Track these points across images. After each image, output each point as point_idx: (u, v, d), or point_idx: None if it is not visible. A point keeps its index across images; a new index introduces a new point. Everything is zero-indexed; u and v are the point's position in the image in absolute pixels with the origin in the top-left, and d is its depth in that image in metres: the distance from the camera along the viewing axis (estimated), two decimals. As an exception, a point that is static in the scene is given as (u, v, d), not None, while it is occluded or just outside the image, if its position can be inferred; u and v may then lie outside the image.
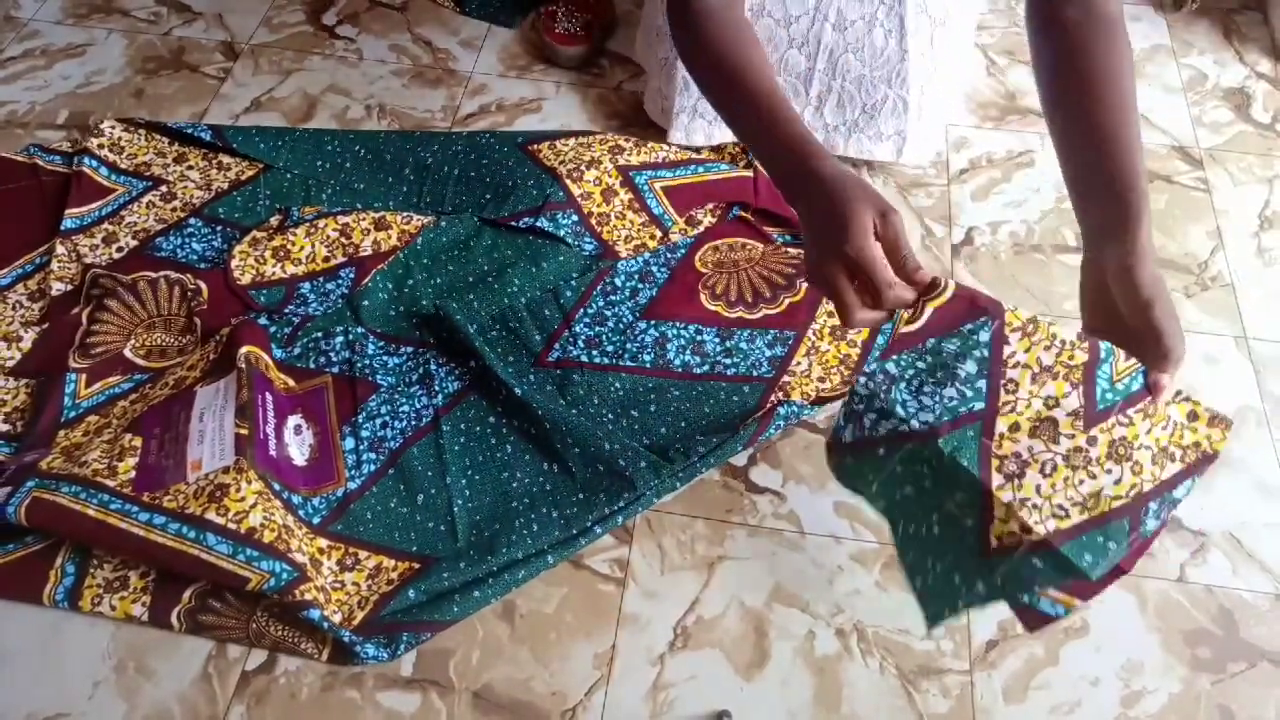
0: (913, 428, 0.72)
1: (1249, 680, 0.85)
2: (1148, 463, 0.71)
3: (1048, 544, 0.69)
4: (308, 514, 0.91)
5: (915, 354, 0.72)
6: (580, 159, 1.20)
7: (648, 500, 0.93)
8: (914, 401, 0.72)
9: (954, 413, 0.71)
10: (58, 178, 1.19)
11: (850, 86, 1.18)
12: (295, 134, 1.26)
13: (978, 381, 0.71)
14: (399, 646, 0.84)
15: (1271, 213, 1.22)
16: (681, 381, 1.02)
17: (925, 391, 0.72)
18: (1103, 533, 0.69)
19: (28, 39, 1.39)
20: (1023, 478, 0.70)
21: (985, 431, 0.71)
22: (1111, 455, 0.71)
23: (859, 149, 1.22)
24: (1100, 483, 0.70)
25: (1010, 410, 0.71)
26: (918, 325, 0.72)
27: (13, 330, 1.04)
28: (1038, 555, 0.69)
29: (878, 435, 0.74)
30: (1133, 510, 0.70)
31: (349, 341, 1.03)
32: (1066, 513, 0.70)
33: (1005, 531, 0.70)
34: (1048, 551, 0.69)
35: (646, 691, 0.84)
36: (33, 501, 0.85)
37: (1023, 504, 0.70)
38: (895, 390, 0.72)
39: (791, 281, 1.10)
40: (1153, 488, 0.71)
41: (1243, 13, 1.50)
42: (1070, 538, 0.69)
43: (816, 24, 1.14)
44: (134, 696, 0.83)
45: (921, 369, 0.72)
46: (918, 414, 0.72)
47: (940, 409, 0.71)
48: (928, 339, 0.72)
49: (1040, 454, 0.71)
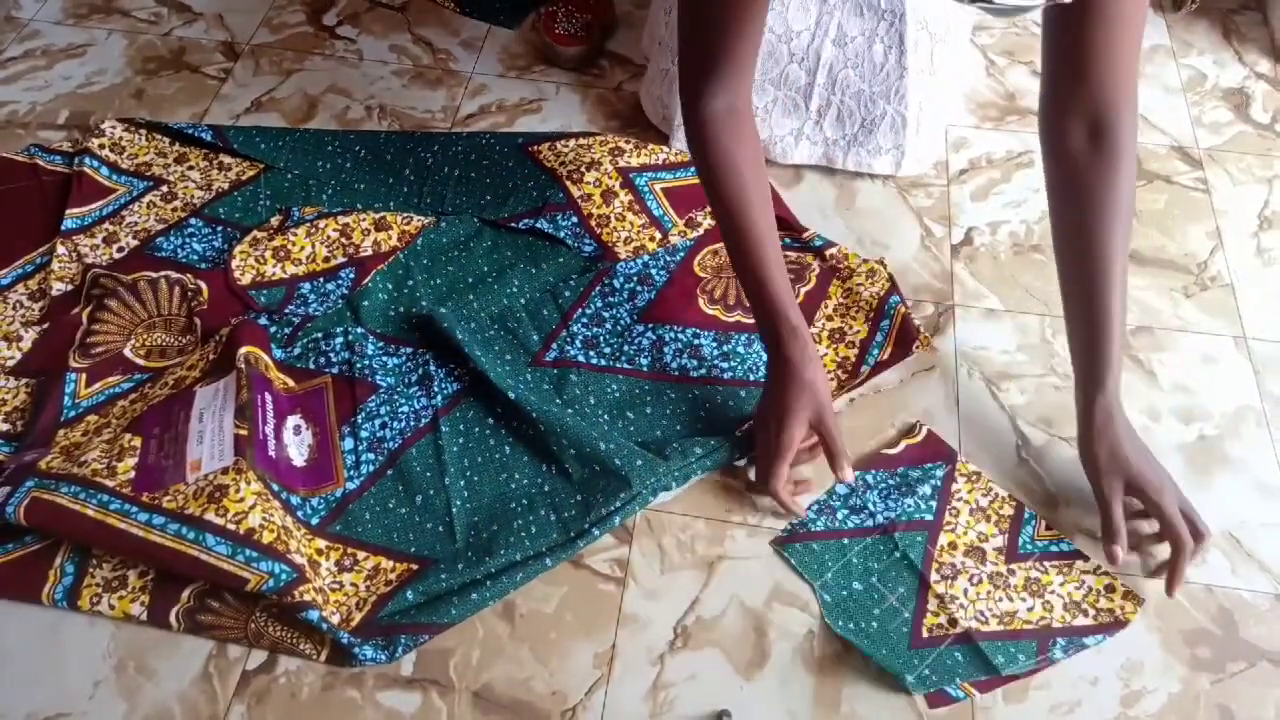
0: (876, 521, 0.93)
1: (1248, 680, 0.85)
2: (1059, 607, 0.88)
3: (969, 638, 0.86)
4: (306, 514, 0.91)
5: (888, 473, 0.96)
6: (580, 160, 1.20)
7: (644, 499, 0.93)
8: (881, 503, 0.94)
9: (909, 517, 0.93)
10: (58, 178, 1.19)
11: (850, 101, 1.18)
12: (296, 134, 1.26)
13: (931, 501, 0.94)
14: (397, 648, 0.84)
15: (1271, 213, 1.22)
16: (678, 385, 1.02)
17: (891, 498, 0.94)
18: (1014, 645, 0.86)
19: (28, 39, 1.39)
20: (955, 580, 0.89)
21: (930, 539, 0.92)
22: (1027, 588, 0.89)
23: (857, 162, 1.22)
24: (1015, 606, 0.88)
25: (951, 530, 0.93)
26: (895, 452, 0.98)
27: (13, 330, 1.04)
28: (959, 649, 0.85)
29: (845, 528, 0.92)
30: (1040, 637, 0.86)
31: (349, 342, 1.03)
32: (986, 619, 0.87)
33: (935, 624, 0.87)
34: (968, 646, 0.85)
35: (646, 691, 0.84)
36: (32, 501, 0.85)
37: (952, 600, 0.88)
38: (869, 494, 0.95)
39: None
40: (1061, 628, 0.87)
41: (1242, 13, 1.50)
42: (986, 639, 0.86)
43: (817, 39, 1.14)
44: (134, 696, 0.83)
45: (891, 484, 0.95)
46: (882, 511, 0.93)
47: (899, 511, 0.93)
48: (899, 466, 0.97)
49: (970, 568, 0.90)
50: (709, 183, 0.93)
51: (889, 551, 0.91)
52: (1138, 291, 1.13)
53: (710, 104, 0.90)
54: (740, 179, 0.92)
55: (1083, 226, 0.89)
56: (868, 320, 1.07)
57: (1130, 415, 1.01)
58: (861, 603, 0.88)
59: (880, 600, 0.88)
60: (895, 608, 0.88)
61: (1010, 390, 1.04)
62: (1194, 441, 1.00)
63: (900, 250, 1.17)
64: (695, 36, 0.89)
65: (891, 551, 0.91)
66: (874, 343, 1.05)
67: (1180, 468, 0.98)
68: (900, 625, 0.87)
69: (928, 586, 0.89)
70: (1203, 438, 1.01)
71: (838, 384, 1.03)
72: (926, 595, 0.88)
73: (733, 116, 0.91)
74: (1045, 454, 0.99)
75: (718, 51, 0.88)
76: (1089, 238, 0.88)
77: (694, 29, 0.89)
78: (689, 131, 0.93)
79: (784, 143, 1.22)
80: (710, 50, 0.88)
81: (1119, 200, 0.87)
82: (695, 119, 0.91)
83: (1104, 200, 0.87)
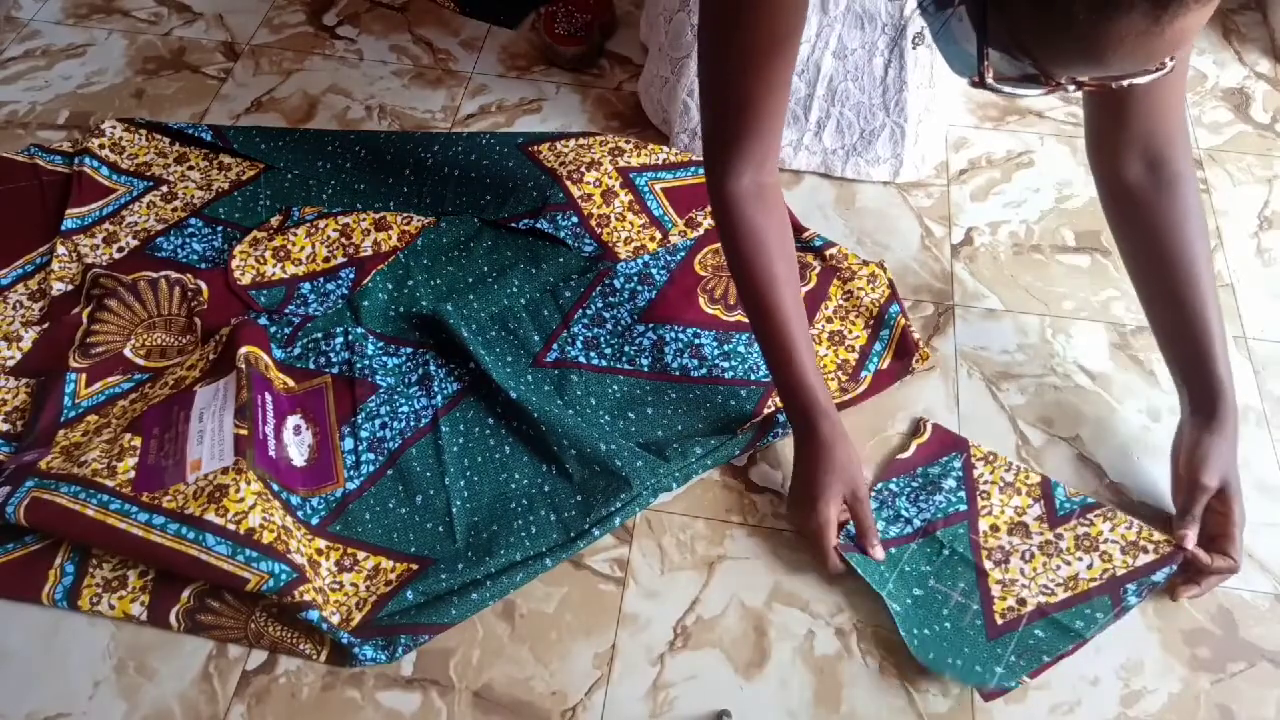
0: (915, 526, 0.92)
1: (1249, 680, 0.85)
2: (1117, 554, 0.89)
3: (1044, 613, 0.86)
4: (306, 514, 0.91)
5: (908, 477, 0.96)
6: (580, 160, 1.20)
7: (645, 500, 0.93)
8: (912, 507, 0.94)
9: (944, 512, 0.93)
10: (58, 178, 1.19)
11: (849, 113, 1.18)
12: (296, 134, 1.26)
13: (959, 491, 0.94)
14: (397, 649, 0.84)
15: (1271, 213, 1.22)
16: (679, 385, 1.02)
17: (920, 500, 0.94)
18: (1088, 606, 0.86)
19: (28, 39, 1.39)
20: (1008, 564, 0.89)
21: (972, 527, 0.92)
22: (1079, 546, 0.90)
23: (856, 171, 1.23)
24: (1075, 568, 0.89)
25: (988, 513, 0.93)
26: (907, 455, 0.98)
27: (13, 330, 1.04)
28: (1038, 626, 0.85)
29: (888, 537, 0.91)
30: (1110, 590, 0.87)
31: (349, 342, 1.03)
32: (1052, 590, 0.87)
33: (1005, 609, 0.87)
34: (1045, 620, 0.85)
35: (646, 691, 0.84)
36: (32, 501, 0.85)
37: (1013, 582, 0.88)
38: (899, 501, 0.94)
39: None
40: (1125, 573, 0.88)
41: (1242, 13, 1.50)
42: (1060, 610, 0.86)
43: (817, 51, 1.14)
44: (134, 696, 0.83)
45: (915, 486, 0.95)
46: (917, 515, 0.93)
47: (934, 510, 0.93)
48: (916, 467, 0.97)
49: (1019, 546, 0.91)
50: (736, 260, 0.90)
51: (937, 551, 0.90)
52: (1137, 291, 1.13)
53: (738, 181, 0.87)
54: (767, 255, 0.88)
55: (1164, 250, 0.88)
56: (868, 326, 1.07)
57: (1130, 415, 1.02)
58: (928, 607, 0.87)
59: (945, 600, 0.87)
60: (963, 604, 0.87)
61: (1010, 390, 1.04)
62: (1194, 441, 1.00)
63: (900, 250, 1.17)
64: (720, 114, 0.85)
65: (939, 551, 0.90)
66: (873, 351, 1.05)
67: (1180, 468, 0.98)
68: (973, 619, 0.86)
69: (985, 575, 0.88)
70: (1203, 438, 1.01)
71: (838, 385, 1.03)
72: (988, 584, 0.88)
73: (759, 190, 0.88)
74: (1045, 454, 0.99)
75: (744, 128, 0.84)
76: (1172, 258, 0.88)
77: (718, 105, 0.85)
78: (715, 206, 0.90)
79: (783, 152, 1.22)
80: (736, 128, 0.85)
81: (1191, 217, 0.87)
82: (721, 195, 0.88)
83: (1179, 220, 0.87)
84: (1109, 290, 1.13)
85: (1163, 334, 0.93)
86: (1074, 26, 0.52)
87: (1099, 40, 0.52)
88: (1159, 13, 0.50)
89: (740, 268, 0.90)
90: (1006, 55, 0.57)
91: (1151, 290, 0.92)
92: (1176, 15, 0.50)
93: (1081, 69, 0.57)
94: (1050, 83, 0.58)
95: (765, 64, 0.80)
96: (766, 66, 0.80)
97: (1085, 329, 1.10)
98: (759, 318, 0.91)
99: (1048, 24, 0.53)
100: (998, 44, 0.57)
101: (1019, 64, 0.57)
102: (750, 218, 0.88)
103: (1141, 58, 0.54)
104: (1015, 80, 0.58)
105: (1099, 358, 1.07)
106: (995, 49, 0.57)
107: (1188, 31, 0.52)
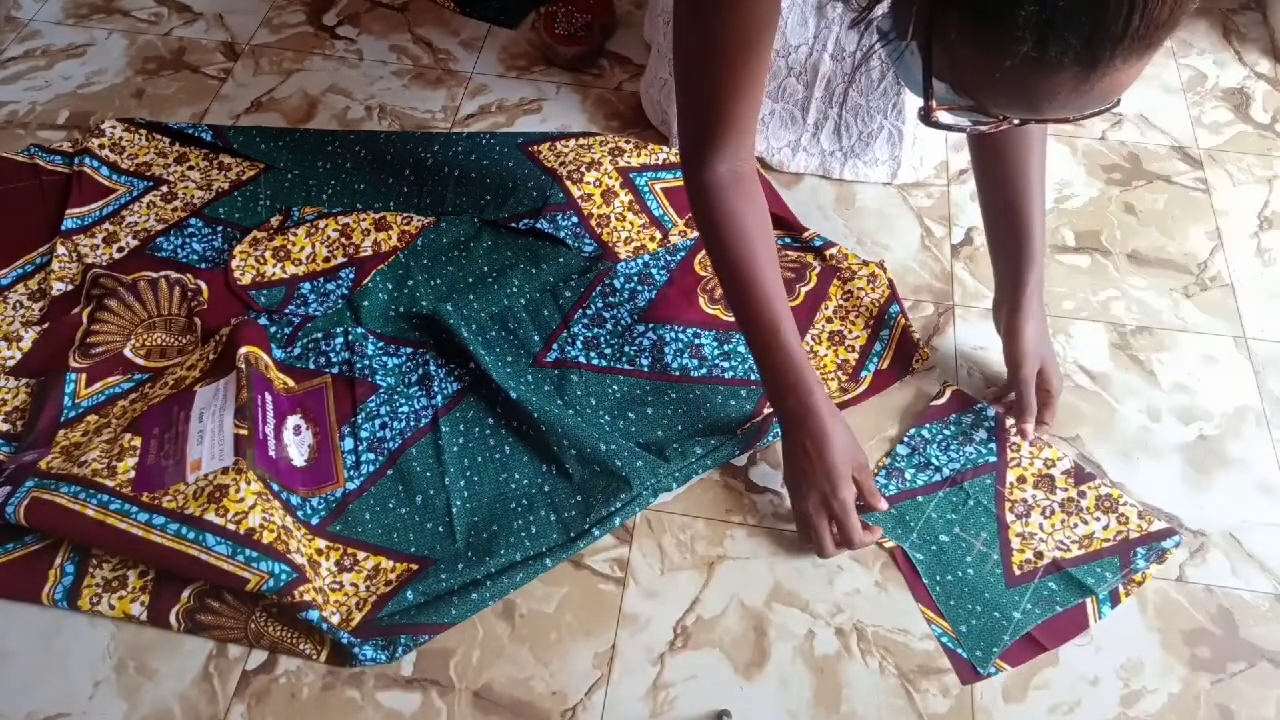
0: (944, 474, 0.96)
1: (1249, 680, 0.85)
2: (1134, 516, 0.93)
3: (1059, 566, 0.89)
4: (306, 514, 0.91)
5: (941, 424, 1.00)
6: (580, 160, 1.20)
7: (645, 500, 0.93)
8: (943, 455, 0.97)
9: (974, 463, 0.96)
10: (58, 178, 1.19)
11: (847, 115, 1.18)
12: (296, 134, 1.26)
13: (990, 443, 0.98)
14: (397, 649, 0.84)
15: (1271, 213, 1.22)
16: (679, 385, 1.02)
17: (951, 450, 0.98)
18: (1099, 565, 0.90)
19: (28, 39, 1.39)
20: (1029, 517, 0.93)
21: (999, 480, 0.95)
22: (1099, 506, 0.93)
23: (854, 173, 1.23)
24: (1091, 528, 0.92)
25: (1016, 465, 0.96)
26: (942, 402, 1.01)
27: (13, 330, 1.04)
28: (1052, 579, 0.89)
29: (916, 486, 0.95)
30: (1121, 551, 0.90)
31: (349, 342, 1.03)
32: (1067, 547, 0.91)
33: (1023, 560, 0.90)
34: (1059, 574, 0.89)
35: (646, 691, 0.84)
36: (32, 501, 0.85)
37: (1032, 535, 0.92)
38: (930, 448, 0.98)
39: (790, 286, 1.10)
40: (1139, 537, 0.91)
41: (1242, 13, 1.50)
42: (1073, 565, 0.89)
43: (815, 54, 1.14)
44: (134, 696, 0.83)
45: (947, 435, 0.99)
46: (947, 464, 0.97)
47: (964, 460, 0.97)
48: (950, 414, 1.00)
49: (1041, 501, 0.94)
50: (715, 245, 0.90)
51: (963, 501, 0.94)
52: (1138, 292, 1.13)
53: (714, 170, 0.87)
54: (747, 240, 0.88)
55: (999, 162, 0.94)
56: (868, 326, 1.07)
57: (1130, 415, 1.02)
58: (952, 554, 0.91)
59: (969, 549, 0.91)
60: (984, 553, 0.91)
61: (1010, 390, 1.04)
62: (1194, 441, 1.00)
63: (900, 250, 1.17)
64: (693, 102, 0.85)
65: (965, 500, 0.94)
66: (873, 351, 1.05)
67: (1180, 468, 0.98)
68: (993, 568, 0.90)
69: (1006, 527, 0.92)
70: (1203, 438, 1.01)
71: (838, 385, 1.03)
72: (1008, 535, 0.92)
73: (736, 178, 0.88)
74: (1045, 454, 0.99)
75: (718, 120, 0.84)
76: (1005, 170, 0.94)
77: (692, 98, 0.85)
78: (691, 194, 0.90)
79: (781, 153, 1.22)
80: (710, 119, 0.84)
81: (1032, 144, 0.93)
82: (697, 182, 0.88)
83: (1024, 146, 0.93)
84: (1109, 290, 1.13)
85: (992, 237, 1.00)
86: (1010, 78, 0.54)
87: (1033, 92, 0.55)
88: (1088, 72, 0.53)
89: (720, 252, 0.90)
90: (951, 90, 0.60)
91: (990, 194, 0.98)
92: (1106, 73, 0.53)
93: (1019, 114, 0.59)
94: (997, 116, 0.60)
95: (738, 60, 0.80)
96: (739, 63, 0.80)
97: (1085, 329, 1.10)
98: (742, 301, 0.90)
99: (986, 74, 0.55)
100: (943, 79, 0.60)
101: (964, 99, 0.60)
102: (728, 203, 0.88)
103: (1074, 108, 0.57)
104: (962, 110, 0.60)
105: (1099, 358, 1.07)
106: (941, 82, 0.60)
107: (1120, 86, 0.55)
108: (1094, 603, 0.88)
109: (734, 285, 0.90)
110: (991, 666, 0.85)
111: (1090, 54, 0.51)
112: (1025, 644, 0.86)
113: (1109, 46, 0.51)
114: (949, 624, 0.87)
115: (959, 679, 0.85)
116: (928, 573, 0.89)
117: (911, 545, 0.91)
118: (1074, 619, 0.87)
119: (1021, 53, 0.52)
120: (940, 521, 0.93)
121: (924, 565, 0.90)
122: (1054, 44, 0.51)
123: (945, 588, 0.89)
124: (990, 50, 0.53)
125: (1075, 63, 0.52)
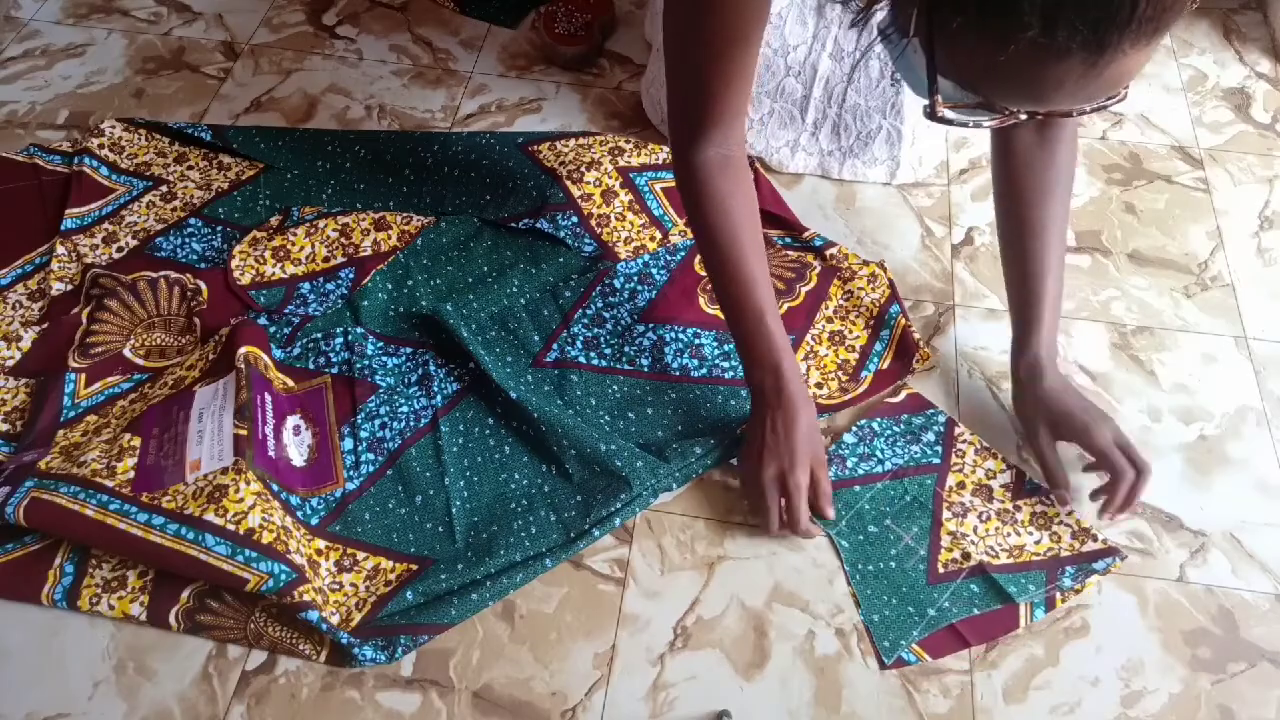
0: (885, 468, 0.96)
1: (1249, 680, 0.85)
2: (1066, 536, 0.92)
3: (983, 570, 0.89)
4: (306, 515, 0.91)
5: (893, 420, 1.00)
6: (580, 160, 1.20)
7: (645, 500, 0.93)
8: (888, 450, 0.98)
9: (917, 462, 0.97)
10: (58, 178, 1.19)
11: (846, 115, 1.18)
12: (295, 134, 1.26)
13: (936, 445, 0.98)
14: (397, 649, 0.84)
15: (1271, 213, 1.22)
16: (679, 385, 1.02)
17: (898, 445, 0.98)
18: (1024, 576, 0.89)
19: (28, 39, 1.39)
20: (965, 518, 0.93)
21: (939, 482, 0.96)
22: (1033, 521, 0.93)
23: (853, 173, 1.23)
24: (1023, 540, 0.92)
25: (959, 471, 0.97)
26: (898, 400, 1.02)
27: (13, 330, 1.04)
28: (975, 581, 0.89)
29: (856, 475, 0.96)
30: (1049, 568, 0.90)
31: (348, 342, 1.03)
32: (996, 553, 0.91)
33: (949, 559, 0.91)
34: (983, 578, 0.89)
35: (646, 691, 0.84)
36: (31, 502, 0.85)
37: (964, 536, 0.92)
38: (877, 441, 0.98)
39: (791, 286, 1.10)
40: (1070, 555, 0.91)
41: (1243, 13, 1.50)
42: (998, 572, 0.89)
43: (814, 53, 1.14)
44: (134, 696, 0.83)
45: (896, 431, 0.99)
46: (891, 458, 0.97)
47: (907, 457, 0.97)
48: (902, 413, 1.01)
49: (978, 506, 0.94)
50: (700, 224, 0.90)
51: (900, 495, 0.94)
52: (1138, 292, 1.13)
53: (703, 153, 0.87)
54: (733, 221, 0.89)
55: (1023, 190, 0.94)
56: (868, 326, 1.07)
57: (1130, 415, 1.02)
58: (878, 545, 0.91)
59: (896, 541, 0.91)
60: (911, 547, 0.91)
61: (1010, 390, 1.04)
62: (1194, 441, 1.00)
63: (900, 250, 1.17)
64: (683, 91, 0.86)
65: (903, 495, 0.94)
66: (873, 351, 1.05)
67: (1180, 468, 0.98)
68: (917, 564, 0.90)
69: (940, 525, 0.92)
70: (1203, 438, 1.01)
71: (838, 385, 1.03)
72: (939, 533, 0.92)
73: (725, 161, 0.88)
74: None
75: (707, 106, 0.84)
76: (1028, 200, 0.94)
77: (682, 84, 0.86)
78: (679, 177, 0.90)
79: (780, 153, 1.22)
80: (700, 105, 0.85)
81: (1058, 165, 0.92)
82: (686, 166, 0.88)
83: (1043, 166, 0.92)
84: (1109, 290, 1.13)
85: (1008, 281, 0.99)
86: (1015, 67, 0.54)
87: (1040, 80, 0.54)
88: (1095, 58, 0.52)
89: (705, 232, 0.90)
90: (956, 85, 0.59)
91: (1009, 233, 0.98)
92: (1113, 60, 0.52)
93: (1025, 105, 0.59)
94: (1003, 111, 0.60)
95: (728, 53, 0.81)
96: (729, 56, 0.81)
97: (1085, 329, 1.10)
98: (728, 282, 0.91)
99: (991, 63, 0.54)
100: (947, 74, 0.59)
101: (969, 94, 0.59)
102: (715, 183, 0.88)
103: (1082, 98, 0.56)
104: (967, 108, 0.60)
105: (1099, 358, 1.07)
106: (945, 79, 0.59)
107: (1126, 74, 0.54)
108: (1027, 606, 0.87)
109: (720, 266, 0.91)
110: (909, 654, 0.85)
111: (1098, 39, 0.51)
112: (949, 636, 0.86)
113: (1116, 31, 0.51)
114: (862, 612, 0.88)
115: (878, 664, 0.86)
116: (850, 560, 0.90)
117: (839, 533, 0.92)
118: (1003, 619, 0.87)
119: (1028, 39, 0.51)
120: (873, 513, 0.93)
121: (847, 553, 0.91)
122: (1061, 29, 0.50)
123: (865, 577, 0.89)
124: (996, 38, 0.53)
125: (1083, 48, 0.51)
